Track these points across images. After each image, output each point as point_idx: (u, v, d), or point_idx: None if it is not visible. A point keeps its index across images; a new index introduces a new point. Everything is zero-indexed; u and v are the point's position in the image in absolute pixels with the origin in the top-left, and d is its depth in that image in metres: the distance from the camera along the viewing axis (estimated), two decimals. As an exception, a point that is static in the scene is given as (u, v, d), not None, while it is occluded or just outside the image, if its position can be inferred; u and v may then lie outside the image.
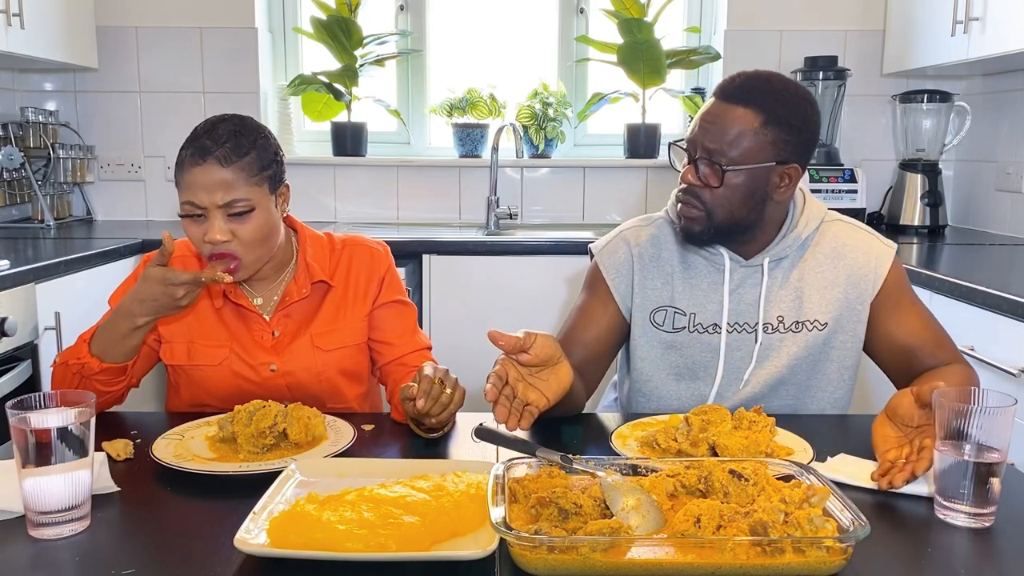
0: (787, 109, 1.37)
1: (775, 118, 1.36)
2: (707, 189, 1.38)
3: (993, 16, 2.48)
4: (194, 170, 1.36)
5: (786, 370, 1.47)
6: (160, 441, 1.23)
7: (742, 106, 1.36)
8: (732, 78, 1.41)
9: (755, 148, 1.36)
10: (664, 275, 1.51)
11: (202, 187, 1.36)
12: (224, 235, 1.37)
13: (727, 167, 1.36)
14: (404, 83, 3.42)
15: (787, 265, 1.48)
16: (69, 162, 3.14)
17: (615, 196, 3.32)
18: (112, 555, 0.94)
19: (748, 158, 1.36)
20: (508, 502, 0.95)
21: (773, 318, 1.47)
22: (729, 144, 1.36)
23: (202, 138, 1.38)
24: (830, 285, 1.47)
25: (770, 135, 1.37)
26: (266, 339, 1.50)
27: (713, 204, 1.39)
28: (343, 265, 1.55)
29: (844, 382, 1.50)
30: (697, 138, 1.39)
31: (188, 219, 1.39)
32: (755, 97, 1.37)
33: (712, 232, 1.42)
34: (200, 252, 1.42)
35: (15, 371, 2.06)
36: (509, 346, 1.20)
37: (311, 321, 1.52)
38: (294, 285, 1.51)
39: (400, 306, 1.58)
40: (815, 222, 1.48)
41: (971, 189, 3.16)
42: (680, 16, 3.37)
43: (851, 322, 1.48)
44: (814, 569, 0.86)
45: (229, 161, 1.36)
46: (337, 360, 1.52)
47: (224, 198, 1.36)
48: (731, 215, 1.40)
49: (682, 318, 1.49)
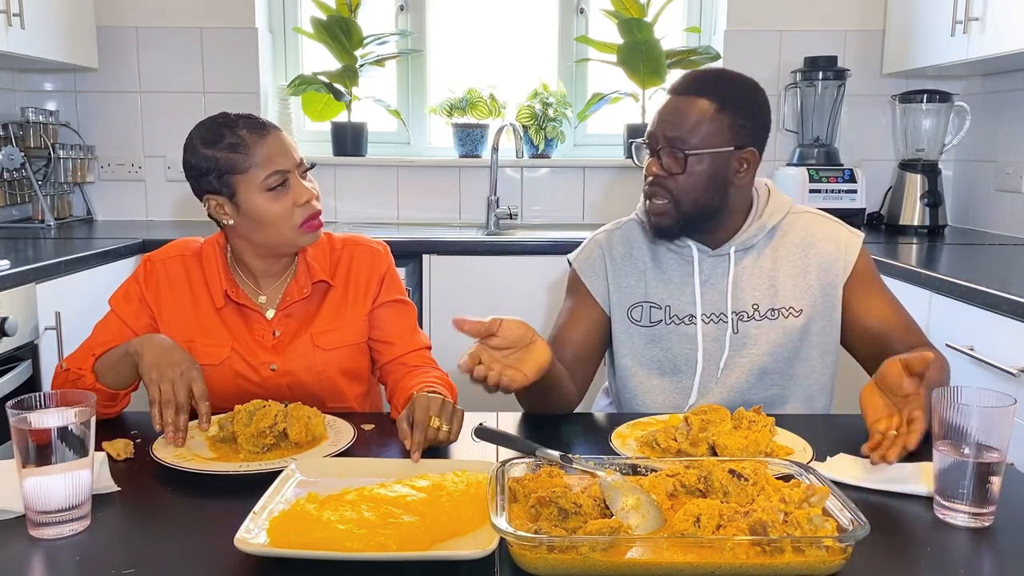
0: (739, 96, 1.46)
1: (729, 105, 1.43)
2: (671, 178, 1.44)
3: (993, 16, 2.48)
4: (264, 141, 1.42)
5: (767, 357, 1.49)
6: (160, 441, 1.23)
7: (696, 96, 1.44)
8: (683, 76, 1.50)
9: (713, 133, 1.43)
10: (636, 272, 1.55)
11: (280, 152, 1.43)
12: (314, 191, 1.47)
13: (689, 152, 1.42)
14: (404, 83, 3.42)
15: (755, 254, 1.52)
16: (69, 162, 3.14)
17: (615, 196, 3.32)
18: (112, 555, 0.94)
19: (707, 143, 1.42)
20: (508, 502, 0.96)
21: (748, 306, 1.50)
22: (688, 131, 1.42)
23: (238, 122, 1.44)
24: (802, 273, 1.51)
25: (726, 120, 1.43)
26: (267, 339, 1.50)
27: (679, 192, 1.44)
28: (343, 265, 1.56)
29: (827, 367, 1.53)
30: (657, 131, 1.45)
31: (274, 192, 1.42)
32: (708, 87, 1.45)
33: (681, 223, 1.47)
34: (290, 222, 1.44)
35: (15, 371, 2.06)
36: (474, 330, 1.22)
37: (312, 321, 1.52)
38: (295, 285, 1.51)
39: (400, 305, 1.59)
40: (780, 213, 1.53)
41: (971, 189, 3.16)
42: (680, 16, 3.37)
43: (827, 307, 1.51)
44: (814, 569, 0.86)
45: (278, 128, 1.46)
46: (337, 359, 1.52)
47: (297, 156, 1.46)
48: (696, 201, 1.45)
49: (658, 311, 1.53)
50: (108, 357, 1.40)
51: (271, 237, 1.46)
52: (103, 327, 1.51)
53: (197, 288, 1.51)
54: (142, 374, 1.30)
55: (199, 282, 1.51)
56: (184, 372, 1.28)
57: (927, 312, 2.08)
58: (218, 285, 1.49)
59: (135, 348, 1.33)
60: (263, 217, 1.43)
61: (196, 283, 1.51)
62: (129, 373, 1.36)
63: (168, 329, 1.49)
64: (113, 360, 1.38)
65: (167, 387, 1.26)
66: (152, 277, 1.52)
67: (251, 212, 1.43)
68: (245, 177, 1.41)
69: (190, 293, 1.51)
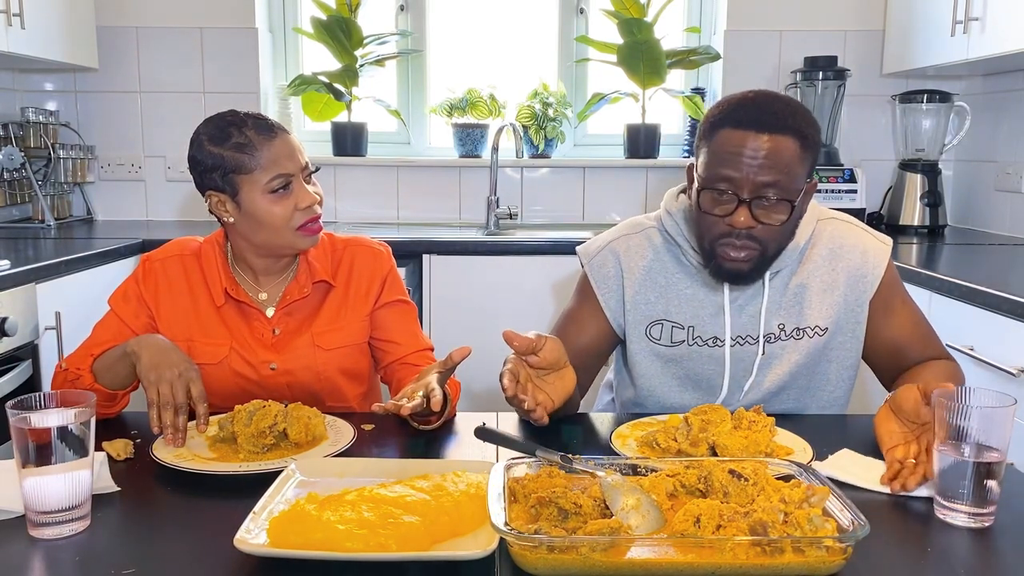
0: (811, 128, 1.34)
1: (808, 140, 1.33)
2: (766, 227, 1.33)
3: (993, 16, 2.48)
4: (271, 144, 1.42)
5: (788, 376, 1.46)
6: (160, 441, 1.23)
7: (781, 135, 1.30)
8: (750, 107, 1.33)
9: (802, 174, 1.33)
10: (657, 288, 1.48)
11: (286, 155, 1.44)
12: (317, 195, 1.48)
13: (795, 200, 1.32)
14: (404, 83, 3.42)
15: (786, 274, 1.46)
16: (69, 162, 3.14)
17: (615, 196, 3.32)
18: (112, 555, 0.94)
19: (801, 185, 1.34)
20: (508, 502, 0.96)
21: (775, 327, 1.46)
22: (787, 175, 1.30)
23: (247, 122, 1.43)
24: (830, 288, 1.46)
25: (809, 157, 1.34)
26: (266, 337, 1.50)
27: (769, 240, 1.34)
28: (345, 265, 1.56)
29: (844, 381, 1.50)
30: (748, 177, 1.30)
31: (276, 194, 1.43)
32: (789, 123, 1.31)
33: (763, 267, 1.39)
34: (290, 225, 1.44)
35: (15, 371, 2.06)
36: (523, 347, 1.24)
37: (312, 320, 1.52)
38: (295, 284, 1.52)
39: (403, 306, 1.59)
40: (810, 227, 1.46)
41: (971, 189, 3.16)
42: (680, 16, 3.37)
43: (850, 323, 1.47)
44: (814, 569, 0.86)
45: (285, 131, 1.47)
46: (337, 359, 1.52)
47: (303, 160, 1.47)
48: (781, 246, 1.39)
49: (680, 332, 1.47)
50: (106, 358, 1.40)
51: (270, 238, 1.46)
52: (102, 327, 1.51)
53: (196, 287, 1.51)
54: (140, 376, 1.30)
55: (198, 281, 1.51)
56: (182, 373, 1.28)
57: (927, 312, 2.07)
58: (218, 283, 1.49)
59: (132, 349, 1.33)
60: (263, 218, 1.43)
61: (195, 282, 1.51)
62: (127, 374, 1.36)
63: (167, 328, 1.49)
64: (111, 361, 1.38)
65: (165, 388, 1.26)
66: (151, 276, 1.52)
67: (252, 212, 1.43)
68: (249, 178, 1.42)
69: (189, 292, 1.51)
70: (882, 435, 1.19)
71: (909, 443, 1.16)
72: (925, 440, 1.14)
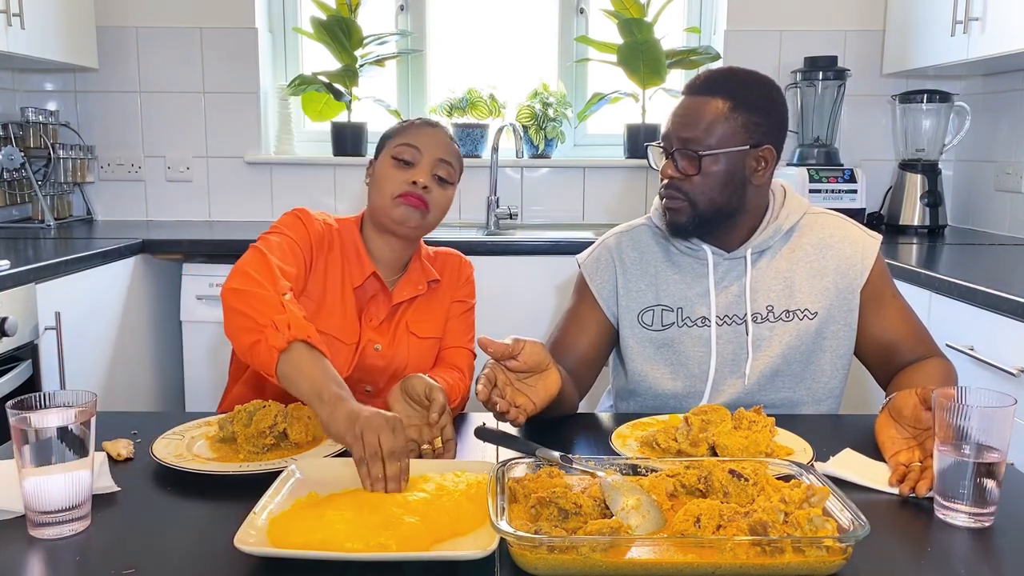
0: (752, 93, 1.44)
1: (743, 103, 1.42)
2: (687, 179, 1.43)
3: (993, 16, 2.48)
4: (422, 130, 1.57)
5: (780, 359, 1.48)
6: (160, 441, 1.23)
7: (710, 96, 1.43)
8: (697, 76, 1.48)
9: (728, 133, 1.42)
10: (648, 276, 1.54)
11: (426, 140, 1.55)
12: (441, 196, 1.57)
13: (703, 153, 1.41)
14: (404, 83, 3.42)
15: (771, 255, 1.51)
16: (69, 162, 3.14)
17: (615, 196, 3.32)
18: (112, 555, 0.94)
19: (722, 143, 1.42)
20: (508, 502, 0.96)
21: (762, 307, 1.49)
22: (703, 132, 1.41)
23: (423, 118, 1.62)
24: (819, 275, 1.50)
25: (740, 119, 1.42)
26: (375, 320, 1.55)
27: (694, 193, 1.43)
28: (438, 265, 1.65)
29: (838, 371, 1.51)
30: (671, 132, 1.45)
31: (398, 163, 1.53)
32: (721, 86, 1.44)
33: (697, 221, 1.46)
34: (392, 191, 1.51)
35: (15, 371, 2.06)
36: (498, 352, 1.26)
37: (407, 311, 1.59)
38: (409, 280, 1.58)
39: (469, 309, 1.67)
40: (796, 214, 1.52)
41: (971, 189, 3.16)
42: (680, 16, 3.37)
43: (842, 311, 1.49)
44: (814, 569, 0.86)
45: (444, 130, 1.62)
46: (425, 348, 1.59)
47: (442, 156, 1.57)
48: (712, 202, 1.44)
49: (670, 314, 1.52)
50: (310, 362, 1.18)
51: (375, 200, 1.55)
52: (276, 248, 1.42)
53: (348, 258, 1.56)
54: (336, 433, 1.09)
55: (341, 256, 1.56)
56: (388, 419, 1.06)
57: (927, 312, 2.08)
58: (368, 262, 1.54)
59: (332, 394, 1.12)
60: (379, 179, 1.54)
61: (348, 253, 1.56)
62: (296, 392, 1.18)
63: (313, 285, 1.51)
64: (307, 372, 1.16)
65: (372, 438, 1.03)
66: (314, 227, 1.54)
67: (377, 172, 1.56)
68: (390, 143, 1.56)
69: (341, 261, 1.55)
70: (883, 441, 1.20)
71: (912, 448, 1.16)
72: (928, 445, 1.14)
